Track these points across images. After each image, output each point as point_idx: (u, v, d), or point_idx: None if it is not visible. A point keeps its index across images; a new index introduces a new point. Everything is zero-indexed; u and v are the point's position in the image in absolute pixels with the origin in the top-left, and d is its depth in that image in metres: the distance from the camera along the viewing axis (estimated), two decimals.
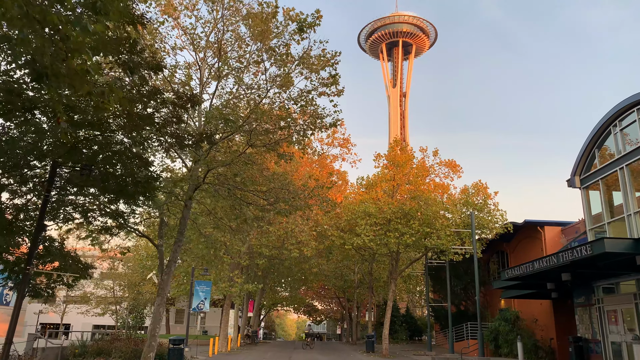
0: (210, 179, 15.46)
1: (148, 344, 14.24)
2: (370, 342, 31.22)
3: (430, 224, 25.51)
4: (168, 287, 14.79)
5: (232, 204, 15.10)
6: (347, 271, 42.84)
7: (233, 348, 31.59)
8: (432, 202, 25.59)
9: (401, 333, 44.74)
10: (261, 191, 15.28)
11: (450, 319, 29.28)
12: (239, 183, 14.88)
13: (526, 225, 27.28)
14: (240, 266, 28.08)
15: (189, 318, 21.20)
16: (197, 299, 20.97)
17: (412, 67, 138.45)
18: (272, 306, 65.56)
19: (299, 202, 15.32)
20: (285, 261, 30.72)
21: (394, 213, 25.99)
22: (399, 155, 26.51)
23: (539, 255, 26.01)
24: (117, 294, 54.83)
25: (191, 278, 21.02)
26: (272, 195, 14.85)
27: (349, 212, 27.02)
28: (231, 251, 26.39)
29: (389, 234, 25.91)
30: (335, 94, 16.07)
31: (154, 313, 14.52)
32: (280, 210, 14.56)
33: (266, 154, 15.61)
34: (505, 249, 31.62)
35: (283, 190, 15.14)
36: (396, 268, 29.31)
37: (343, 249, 30.43)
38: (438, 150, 27.80)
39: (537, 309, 27.10)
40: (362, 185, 29.46)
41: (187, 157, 15.24)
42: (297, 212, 15.70)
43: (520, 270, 17.30)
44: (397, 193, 27.55)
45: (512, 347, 26.73)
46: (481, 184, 28.05)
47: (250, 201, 14.75)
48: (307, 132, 15.20)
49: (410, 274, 43.56)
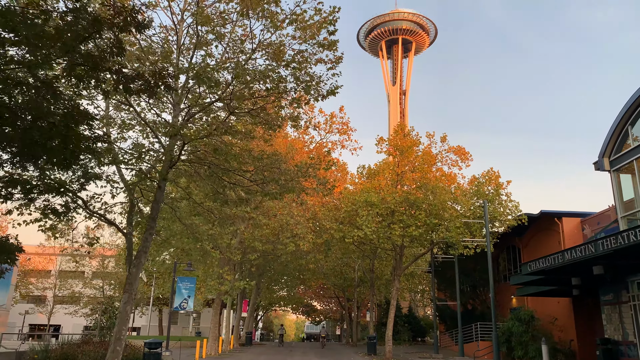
0: (188, 156, 13.25)
1: (112, 349, 12.01)
2: (372, 344, 29.01)
3: (438, 215, 23.28)
4: (137, 282, 12.57)
5: (212, 186, 12.88)
6: (347, 269, 40.64)
7: (225, 350, 29.34)
8: (440, 191, 23.34)
9: (404, 334, 42.51)
10: (247, 171, 13.06)
11: (460, 319, 27.03)
12: (220, 160, 12.67)
13: (542, 216, 25.06)
14: (231, 262, 25.83)
15: (171, 318, 18.96)
16: (180, 297, 18.76)
17: (412, 65, 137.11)
18: (269, 306, 63.28)
19: (291, 183, 13.08)
20: (281, 256, 28.48)
21: (399, 203, 23.75)
22: (403, 140, 24.27)
23: (555, 249, 23.79)
24: (107, 294, 52.64)
25: (173, 274, 18.77)
26: (259, 175, 12.62)
27: (348, 203, 24.78)
28: (221, 245, 24.15)
29: (393, 225, 23.68)
30: (333, 61, 13.89)
31: (119, 312, 12.29)
32: (269, 192, 12.35)
33: (251, 125, 13.39)
34: (518, 243, 29.40)
35: (273, 169, 12.90)
36: (400, 264, 27.07)
37: (342, 244, 28.21)
38: (446, 136, 25.59)
39: (553, 308, 24.89)
40: (363, 174, 27.22)
41: (159, 130, 13.01)
42: (290, 195, 13.42)
43: (547, 263, 15.07)
44: (402, 181, 25.32)
45: (527, 349, 24.50)
46: (493, 172, 25.82)
47: (233, 181, 12.53)
48: (300, 100, 12.98)
49: (413, 271, 41.36)
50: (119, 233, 24.21)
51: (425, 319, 54.48)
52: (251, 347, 35.93)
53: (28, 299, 57.11)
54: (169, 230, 16.68)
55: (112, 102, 14.19)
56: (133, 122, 13.81)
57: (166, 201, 15.39)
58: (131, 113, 13.90)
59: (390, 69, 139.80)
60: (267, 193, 12.45)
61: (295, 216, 24.80)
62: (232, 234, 25.52)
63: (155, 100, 13.08)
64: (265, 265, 36.35)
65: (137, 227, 13.96)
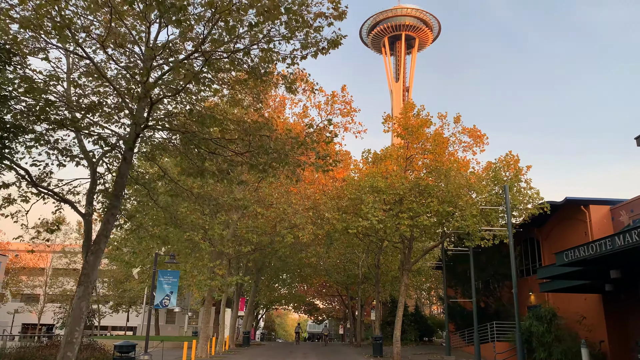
0: (160, 122, 10.95)
1: (61, 355, 9.71)
2: (378, 345, 26.75)
3: (452, 202, 20.91)
4: (95, 272, 10.28)
5: (188, 158, 10.56)
6: (350, 265, 38.33)
7: (219, 352, 27.08)
8: (455, 175, 20.98)
9: (410, 334, 40.14)
10: (230, 140, 10.75)
11: (476, 317, 24.67)
12: (197, 125, 10.37)
13: (567, 204, 22.66)
14: (223, 255, 23.55)
15: (150, 317, 16.71)
16: (162, 293, 16.49)
17: (415, 61, 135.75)
18: (270, 305, 61.03)
19: (284, 154, 10.76)
20: (279, 249, 26.17)
21: (409, 190, 21.41)
22: (413, 119, 21.91)
23: (581, 240, 21.43)
24: (100, 292, 50.54)
25: (153, 267, 16.49)
26: (245, 144, 10.31)
27: (352, 189, 22.45)
28: (212, 237, 21.88)
29: (402, 215, 21.34)
30: (335, 16, 11.57)
31: (73, 309, 10.00)
32: (257, 163, 10.05)
33: (237, 88, 11.07)
34: (537, 235, 27.00)
35: (262, 137, 10.57)
36: (409, 258, 24.74)
37: (346, 236, 25.89)
38: (460, 116, 23.19)
39: (579, 306, 22.51)
40: (369, 159, 24.88)
41: (126, 89, 10.71)
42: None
43: (590, 251, 12.69)
44: (411, 166, 22.97)
45: (551, 351, 22.15)
46: (512, 156, 23.43)
47: (212, 149, 10.21)
48: (294, 54, 10.66)
49: (420, 268, 39.02)
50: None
51: (432, 318, 52.13)
52: (248, 347, 33.66)
53: (21, 297, 55.06)
54: (146, 215, 14.41)
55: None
56: (94, 83, 11.51)
57: (142, 182, 13.13)
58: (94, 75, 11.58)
59: (393, 65, 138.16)
60: (253, 164, 10.14)
61: (293, 204, 22.51)
62: (225, 225, 23.25)
63: (120, 54, 10.81)
64: (262, 261, 34.08)
65: (106, 210, 11.66)
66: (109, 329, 60.08)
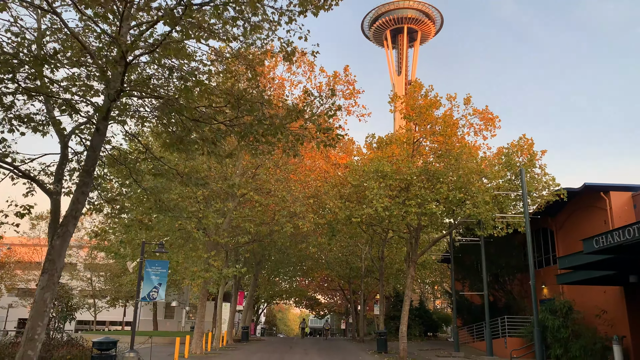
0: (137, 88, 9.54)
1: (21, 353, 8.35)
2: (382, 341, 25.45)
3: (463, 189, 19.49)
4: (62, 258, 8.92)
5: (169, 128, 9.16)
6: (353, 257, 36.96)
7: (215, 348, 25.81)
8: (467, 158, 19.55)
9: (414, 329, 38.82)
10: (217, 108, 9.33)
11: (488, 312, 23.29)
12: (178, 90, 8.97)
13: (585, 191, 21.22)
14: (219, 246, 22.19)
15: (137, 311, 15.39)
16: (149, 284, 15.13)
17: (418, 54, 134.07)
18: (270, 299, 59.77)
19: (280, 125, 9.35)
20: (278, 240, 24.80)
21: (417, 175, 19.99)
22: (421, 99, 20.45)
23: (599, 230, 20.00)
24: (96, 286, 49.34)
25: (140, 256, 15.12)
26: (234, 111, 8.89)
27: (356, 175, 21.05)
28: (206, 226, 20.53)
29: (409, 202, 19.93)
30: None
31: (35, 301, 8.63)
32: (248, 132, 8.64)
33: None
34: (550, 225, 25.58)
35: (255, 104, 9.14)
36: (416, 249, 23.34)
37: (348, 226, 24.48)
38: (471, 97, 21.71)
39: (598, 299, 21.13)
40: (373, 144, 23.48)
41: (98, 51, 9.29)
42: (279, 141, 9.66)
43: (628, 235, 11.24)
44: (419, 151, 21.54)
45: (567, 347, 20.80)
46: (525, 139, 22.00)
47: (196, 117, 8.78)
48: (291, 8, 9.22)
49: (425, 261, 37.66)
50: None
51: (437, 313, 50.85)
52: (247, 343, 32.39)
53: (17, 292, 53.85)
54: (128, 199, 13.05)
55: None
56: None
57: (122, 159, 11.74)
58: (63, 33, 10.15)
59: (395, 58, 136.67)
60: (243, 134, 8.71)
61: (293, 191, 21.13)
62: (220, 213, 21.89)
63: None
64: (262, 253, 32.74)
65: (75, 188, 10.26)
66: (107, 324, 58.94)
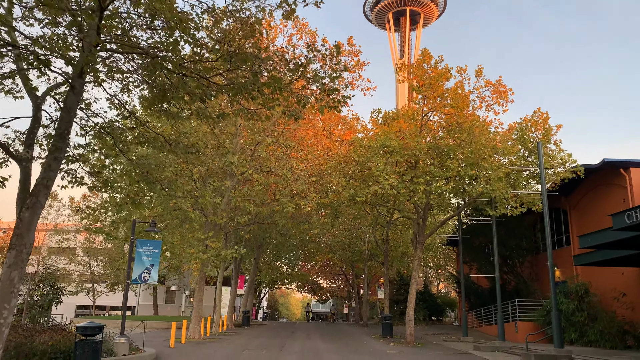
0: (115, 40, 8.36)
1: None
2: (388, 325, 24.51)
3: (475, 164, 18.34)
4: (32, 233, 7.85)
5: (152, 83, 7.99)
6: (357, 240, 36.01)
7: (214, 333, 24.93)
8: (479, 132, 18.36)
9: (419, 313, 38.05)
10: (207, 64, 8.15)
11: (499, 294, 22.30)
12: (163, 43, 7.80)
13: (604, 167, 20.06)
14: (217, 227, 21.15)
15: (127, 294, 14.37)
16: (140, 266, 14.09)
17: (420, 37, 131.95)
18: (272, 283, 59.10)
19: (278, 79, 8.18)
20: (279, 221, 23.76)
21: (426, 152, 18.83)
22: (431, 70, 19.17)
23: (618, 208, 18.81)
24: (95, 271, 48.61)
25: (131, 236, 14.05)
26: (224, 58, 7.70)
27: (361, 151, 19.90)
28: (203, 206, 19.47)
29: (417, 180, 18.80)
30: None
31: (1, 280, 7.56)
32: (241, 85, 7.48)
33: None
34: (564, 205, 24.47)
35: (250, 58, 7.95)
36: (423, 229, 22.27)
37: (352, 207, 23.40)
38: (482, 69, 20.43)
39: (616, 281, 20.12)
40: (379, 120, 22.28)
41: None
42: (276, 99, 8.48)
43: None
44: (428, 125, 20.34)
45: (583, 331, 19.86)
46: (540, 113, 20.77)
47: (182, 72, 7.61)
48: None
49: (430, 243, 36.69)
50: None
51: (441, 297, 50.12)
52: (248, 327, 31.59)
53: None
54: (114, 171, 11.95)
55: None
56: None
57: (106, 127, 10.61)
58: None
59: (397, 41, 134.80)
60: (236, 88, 7.53)
61: (294, 169, 20.01)
62: (218, 193, 20.82)
63: None
64: (262, 236, 31.75)
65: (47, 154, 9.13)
66: (107, 308, 58.41)
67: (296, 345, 19.20)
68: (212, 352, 16.22)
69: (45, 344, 10.91)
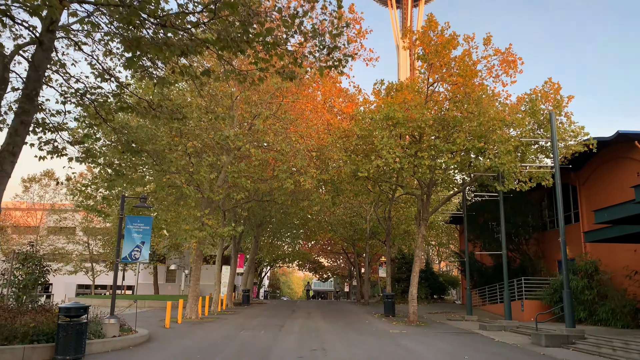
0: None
1: None
2: (390, 304, 23.99)
3: (483, 137, 17.44)
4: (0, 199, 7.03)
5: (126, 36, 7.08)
6: (358, 219, 35.35)
7: (213, 312, 24.44)
8: (487, 103, 17.40)
9: (421, 291, 37.52)
10: (188, 12, 7.20)
11: (506, 271, 21.67)
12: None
13: (618, 139, 19.14)
14: (214, 204, 20.40)
15: (117, 273, 13.67)
16: (131, 243, 13.37)
17: (422, 14, 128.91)
18: (273, 262, 58.79)
19: (269, 29, 7.25)
20: (279, 198, 22.99)
21: (433, 124, 17.91)
22: (437, 36, 18.10)
23: (630, 183, 18.00)
24: (94, 250, 48.15)
25: (120, 212, 13.26)
26: (210, 14, 6.77)
27: (363, 124, 18.98)
28: (199, 182, 18.67)
29: (421, 154, 17.93)
30: None
31: None
32: (227, 35, 6.56)
33: None
34: (573, 180, 23.63)
35: (235, 2, 7.00)
36: (427, 206, 21.49)
37: (354, 184, 22.60)
38: (491, 37, 19.32)
39: (626, 258, 19.43)
40: (382, 91, 21.29)
41: None
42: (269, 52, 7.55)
43: None
44: (433, 97, 19.36)
45: (592, 309, 19.26)
46: (552, 83, 19.75)
47: (162, 22, 6.70)
48: None
49: (432, 221, 36.03)
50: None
51: (443, 275, 49.74)
52: (248, 306, 31.14)
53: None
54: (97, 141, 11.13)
55: None
56: None
57: (86, 92, 9.72)
58: None
59: (399, 19, 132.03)
60: (222, 39, 6.62)
61: (293, 143, 19.13)
62: (214, 168, 20.00)
63: None
64: (262, 214, 31.07)
65: (14, 116, 8.24)
66: (108, 288, 58.26)
67: (296, 325, 18.62)
68: (208, 333, 15.62)
69: (27, 326, 10.23)
